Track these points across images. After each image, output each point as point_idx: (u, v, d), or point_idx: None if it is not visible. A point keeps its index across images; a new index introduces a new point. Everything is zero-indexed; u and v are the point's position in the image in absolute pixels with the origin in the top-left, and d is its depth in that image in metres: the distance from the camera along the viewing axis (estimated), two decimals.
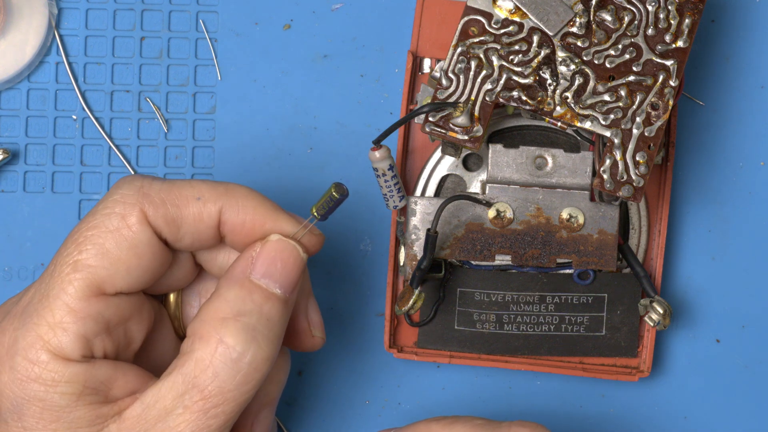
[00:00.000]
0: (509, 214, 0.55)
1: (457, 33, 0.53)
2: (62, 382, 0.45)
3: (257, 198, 0.48)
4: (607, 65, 0.53)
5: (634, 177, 0.52)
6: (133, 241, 0.46)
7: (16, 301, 0.48)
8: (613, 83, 0.53)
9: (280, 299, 0.46)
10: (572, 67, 0.53)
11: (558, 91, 0.53)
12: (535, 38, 0.53)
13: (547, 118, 0.53)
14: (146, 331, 0.48)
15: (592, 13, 0.53)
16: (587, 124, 0.52)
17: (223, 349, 0.45)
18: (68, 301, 0.45)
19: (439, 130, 0.53)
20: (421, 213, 0.55)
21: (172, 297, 0.51)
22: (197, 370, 0.45)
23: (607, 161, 0.52)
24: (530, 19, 0.53)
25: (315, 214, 0.48)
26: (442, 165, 0.58)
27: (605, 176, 0.52)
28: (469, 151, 0.56)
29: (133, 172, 0.60)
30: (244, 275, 0.47)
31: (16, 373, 0.45)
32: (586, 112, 0.53)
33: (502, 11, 0.53)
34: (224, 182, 0.49)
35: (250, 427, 0.50)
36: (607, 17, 0.53)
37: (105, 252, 0.46)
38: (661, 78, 0.53)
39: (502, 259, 0.55)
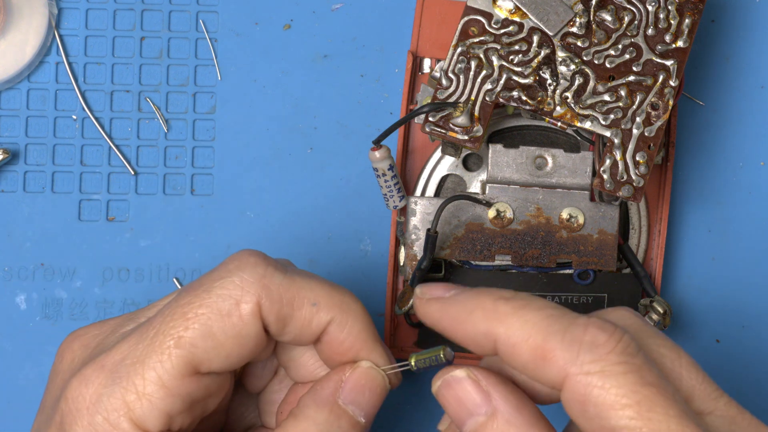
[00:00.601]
0: (509, 214, 0.55)
1: (457, 33, 0.53)
2: None
3: (364, 322, 0.47)
4: (607, 65, 0.53)
5: (634, 177, 0.52)
6: (242, 331, 0.45)
7: (100, 342, 0.47)
8: (613, 83, 0.53)
9: (362, 426, 0.46)
10: (572, 67, 0.53)
11: (558, 91, 0.53)
12: (535, 38, 0.53)
13: (547, 118, 0.53)
14: (221, 400, 0.48)
15: (592, 13, 0.53)
16: (587, 124, 0.52)
17: None
18: (163, 375, 0.44)
19: (439, 130, 0.53)
20: (421, 213, 0.55)
21: None
22: None
23: (607, 161, 0.52)
24: (530, 19, 0.53)
25: (413, 364, 0.47)
26: (442, 165, 0.58)
27: (605, 176, 0.52)
28: (469, 151, 0.56)
29: (133, 173, 0.60)
30: (334, 398, 0.46)
31: (92, 430, 0.45)
32: (586, 112, 0.53)
33: (502, 11, 0.53)
34: (341, 291, 0.48)
35: None
36: (607, 17, 0.53)
37: (211, 335, 0.45)
38: (661, 78, 0.53)
39: (502, 259, 0.55)
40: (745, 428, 0.42)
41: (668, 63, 0.53)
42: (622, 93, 0.53)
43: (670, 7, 0.53)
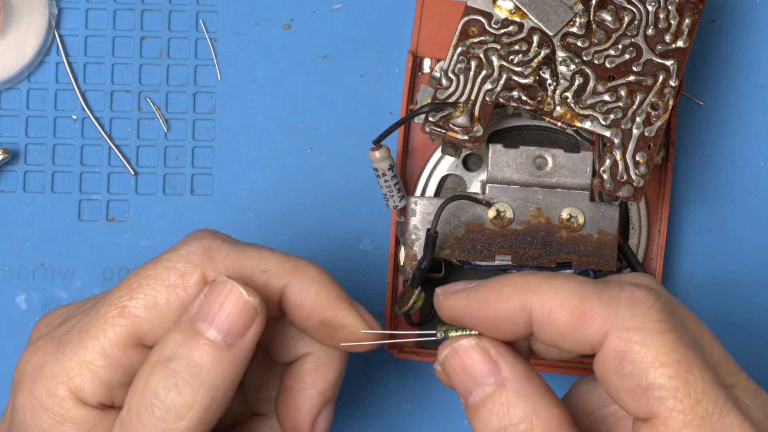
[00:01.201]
0: (509, 214, 0.55)
1: (457, 33, 0.53)
2: (70, 422, 0.44)
3: (324, 283, 0.46)
4: (607, 65, 0.53)
5: (634, 177, 0.52)
6: (186, 301, 0.45)
7: (63, 319, 0.47)
8: (613, 83, 0.53)
9: (218, 346, 0.43)
10: (572, 67, 0.53)
11: (558, 91, 0.53)
12: (535, 38, 0.53)
13: (547, 118, 0.53)
14: None
15: (592, 13, 0.53)
16: (587, 124, 0.52)
17: (145, 393, 0.43)
18: (104, 344, 0.44)
19: (439, 130, 0.53)
20: (421, 213, 0.55)
21: None
22: (128, 414, 0.44)
23: (607, 161, 0.52)
24: (530, 19, 0.53)
25: (440, 336, 0.45)
26: (442, 165, 0.58)
27: (605, 176, 0.52)
28: (469, 151, 0.56)
29: (133, 172, 0.60)
30: (188, 317, 0.44)
31: (32, 398, 0.44)
32: (586, 112, 0.53)
33: (502, 11, 0.53)
34: (295, 258, 0.46)
35: (313, 425, 0.48)
36: (607, 17, 0.53)
37: (155, 305, 0.45)
38: (661, 78, 0.53)
39: (502, 259, 0.55)
40: (764, 402, 0.41)
41: (668, 63, 0.53)
42: (622, 93, 0.53)
43: (670, 7, 0.53)
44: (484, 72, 0.53)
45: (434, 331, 0.45)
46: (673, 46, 0.53)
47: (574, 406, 0.45)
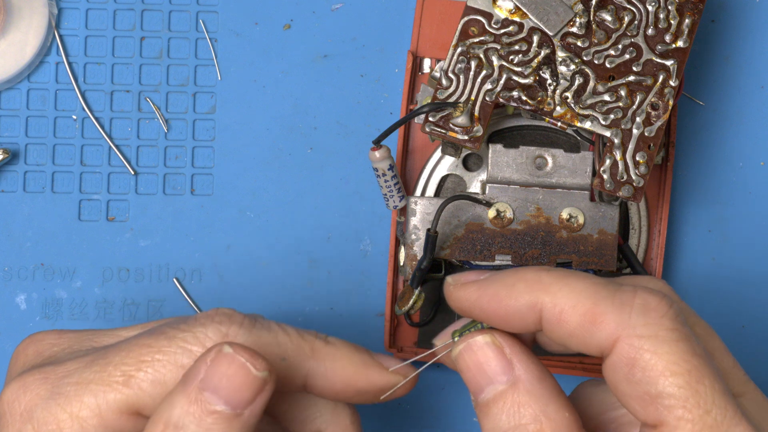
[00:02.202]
0: (509, 214, 0.55)
1: (457, 33, 0.53)
2: None
3: (345, 357, 0.45)
4: (607, 65, 0.53)
5: (634, 177, 0.52)
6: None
7: (55, 354, 0.46)
8: (613, 83, 0.53)
9: (226, 416, 0.43)
10: (572, 67, 0.53)
11: (558, 91, 0.53)
12: (535, 38, 0.53)
13: (547, 118, 0.53)
14: None
15: (592, 13, 0.53)
16: (587, 124, 0.52)
17: None
18: (102, 405, 0.44)
19: (439, 130, 0.53)
20: (421, 213, 0.55)
21: None
22: None
23: (607, 161, 0.52)
24: (530, 19, 0.53)
25: (456, 340, 0.44)
26: (442, 165, 0.58)
27: (605, 176, 0.52)
28: (469, 151, 0.56)
29: (133, 172, 0.60)
30: (193, 383, 0.43)
31: None
32: (586, 112, 0.53)
33: (502, 11, 0.53)
34: (312, 338, 0.46)
35: None
36: (607, 17, 0.53)
37: (162, 382, 0.44)
38: (661, 78, 0.53)
39: (502, 259, 0.55)
40: None
41: (668, 63, 0.53)
42: (622, 93, 0.53)
43: (670, 7, 0.53)
44: (484, 72, 0.53)
45: (452, 340, 0.45)
46: (673, 46, 0.53)
47: (578, 409, 0.45)
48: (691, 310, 0.43)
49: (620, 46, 0.53)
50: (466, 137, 0.53)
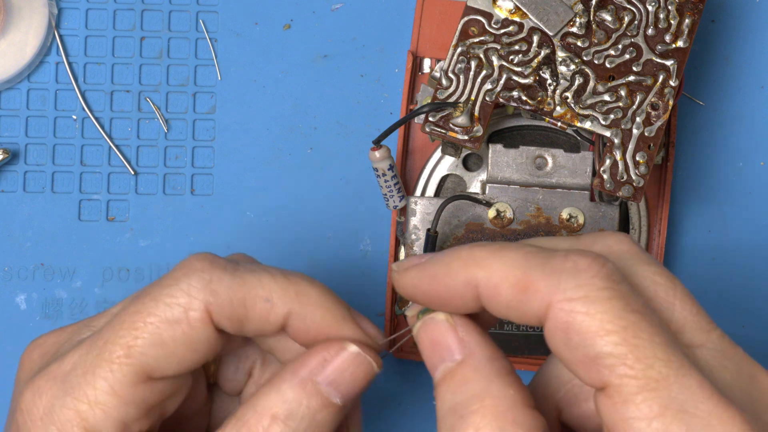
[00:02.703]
0: (509, 214, 0.55)
1: (457, 33, 0.53)
2: None
3: (327, 305, 0.46)
4: (607, 65, 0.53)
5: (634, 177, 0.52)
6: (193, 337, 0.45)
7: (57, 350, 0.47)
8: (613, 83, 0.53)
9: (337, 408, 0.45)
10: (572, 67, 0.53)
11: (558, 91, 0.53)
12: (535, 38, 0.53)
13: (547, 118, 0.53)
14: (183, 398, 0.47)
15: (592, 13, 0.53)
16: (587, 124, 0.52)
17: None
18: (114, 383, 0.44)
19: (439, 130, 0.53)
20: (421, 213, 0.55)
21: None
22: None
23: (607, 161, 0.52)
24: (530, 19, 0.53)
25: (409, 316, 0.45)
26: (442, 165, 0.58)
27: (605, 176, 0.52)
28: (469, 151, 0.56)
29: (133, 172, 0.60)
30: (310, 376, 0.45)
31: None
32: (586, 112, 0.53)
33: (502, 11, 0.53)
34: (296, 280, 0.46)
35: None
36: (607, 17, 0.53)
37: (161, 342, 0.44)
38: (661, 78, 0.53)
39: None
40: (737, 362, 0.40)
41: (668, 63, 0.53)
42: (622, 93, 0.53)
43: (670, 7, 0.53)
44: (484, 72, 0.53)
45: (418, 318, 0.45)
46: (673, 46, 0.53)
47: (539, 387, 0.45)
48: (652, 258, 0.42)
49: (620, 46, 0.53)
50: (466, 137, 0.53)
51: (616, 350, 0.38)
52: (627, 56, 0.53)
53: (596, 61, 0.53)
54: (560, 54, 0.53)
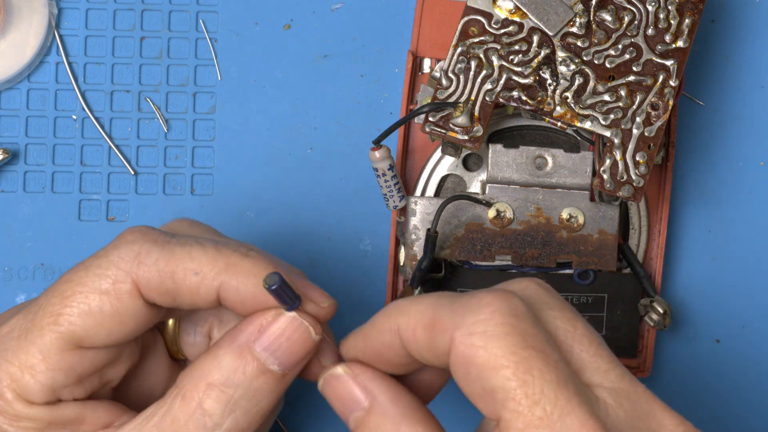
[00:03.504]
0: (509, 214, 0.55)
1: (457, 33, 0.53)
2: (24, 419, 0.45)
3: (259, 275, 0.46)
4: (607, 65, 0.53)
5: (634, 177, 0.52)
6: (119, 309, 0.45)
7: (5, 320, 0.47)
8: (613, 83, 0.53)
9: (276, 376, 0.45)
10: (572, 67, 0.53)
11: (558, 91, 0.53)
12: (535, 38, 0.53)
13: (547, 118, 0.53)
14: (125, 371, 0.48)
15: (592, 13, 0.53)
16: (587, 124, 0.53)
17: (199, 415, 0.44)
18: (43, 349, 0.45)
19: (439, 130, 0.53)
20: (421, 213, 0.55)
21: (170, 322, 0.50)
22: (172, 427, 0.45)
23: (607, 161, 0.52)
24: (530, 19, 0.53)
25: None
26: (442, 165, 0.58)
27: (605, 176, 0.52)
28: (469, 151, 0.56)
29: (133, 172, 0.60)
30: (247, 343, 0.45)
31: None
32: (586, 112, 0.53)
33: (502, 11, 0.53)
34: (227, 251, 0.46)
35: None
36: (607, 17, 0.53)
37: (89, 312, 0.45)
38: (661, 78, 0.53)
39: (502, 259, 0.55)
40: (634, 401, 0.41)
41: (668, 63, 0.53)
42: (622, 93, 0.53)
43: (670, 7, 0.53)
44: (484, 72, 0.53)
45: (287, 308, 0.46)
46: (673, 46, 0.53)
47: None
48: (557, 302, 0.43)
49: (620, 46, 0.53)
50: (466, 137, 0.53)
51: (506, 385, 0.39)
52: (627, 56, 0.53)
53: (596, 61, 0.53)
54: (560, 54, 0.53)
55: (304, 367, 0.47)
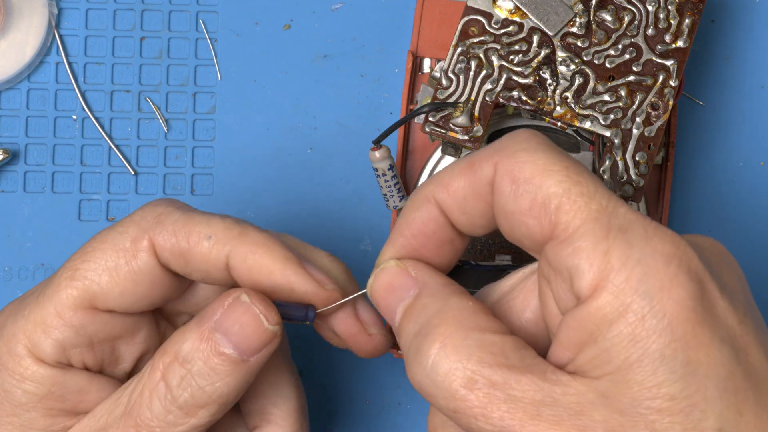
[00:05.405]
0: None
1: (457, 33, 0.53)
2: (29, 380, 0.46)
3: (269, 246, 0.46)
4: (607, 65, 0.53)
5: (634, 177, 0.52)
6: (135, 267, 0.46)
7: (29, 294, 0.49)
8: (613, 83, 0.53)
9: (233, 359, 0.45)
10: (572, 67, 0.53)
11: (558, 91, 0.53)
12: (535, 38, 0.53)
13: (547, 118, 0.53)
14: (140, 353, 0.48)
15: (592, 13, 0.53)
16: (587, 124, 0.53)
17: (162, 387, 0.45)
18: (57, 305, 0.46)
19: (439, 130, 0.53)
20: None
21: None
22: (140, 397, 0.46)
23: (607, 161, 0.52)
24: (530, 19, 0.53)
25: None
26: (442, 165, 0.58)
27: (605, 176, 0.52)
28: (469, 151, 0.56)
29: (133, 172, 0.60)
30: (208, 322, 0.46)
31: None
32: (586, 112, 0.53)
33: (502, 11, 0.53)
34: (244, 224, 0.47)
35: None
36: (607, 17, 0.53)
37: (106, 269, 0.46)
38: (661, 78, 0.53)
39: (502, 259, 0.55)
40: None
41: (668, 63, 0.53)
42: (622, 93, 0.53)
43: (670, 7, 0.53)
44: (484, 72, 0.53)
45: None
46: (673, 46, 0.53)
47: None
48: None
49: (620, 46, 0.53)
50: (466, 137, 0.53)
51: (560, 188, 0.40)
52: (627, 56, 0.53)
53: (596, 61, 0.53)
54: (560, 54, 0.53)
55: (353, 341, 0.48)
